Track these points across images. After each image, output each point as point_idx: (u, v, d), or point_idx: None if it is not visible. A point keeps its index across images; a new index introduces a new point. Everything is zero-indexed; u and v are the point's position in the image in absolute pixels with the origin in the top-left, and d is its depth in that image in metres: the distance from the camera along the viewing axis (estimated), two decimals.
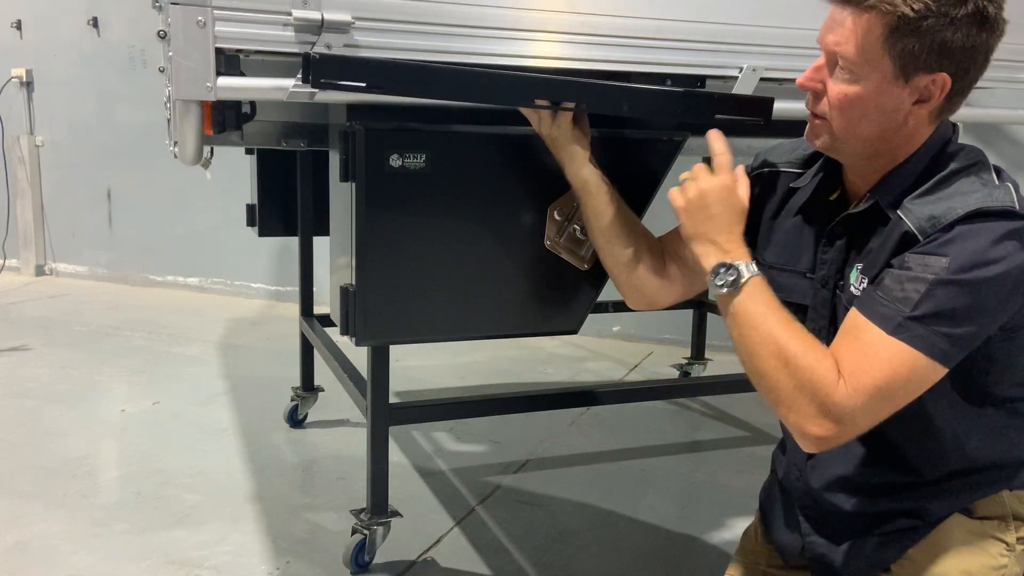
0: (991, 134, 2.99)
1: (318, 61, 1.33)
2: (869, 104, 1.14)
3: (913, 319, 1.07)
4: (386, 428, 1.97)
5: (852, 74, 1.13)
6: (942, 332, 1.07)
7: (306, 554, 2.12)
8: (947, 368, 1.09)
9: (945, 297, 1.06)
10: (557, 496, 2.48)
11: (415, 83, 1.39)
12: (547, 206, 1.63)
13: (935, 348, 1.07)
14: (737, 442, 2.97)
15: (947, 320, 1.07)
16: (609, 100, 1.48)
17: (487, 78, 1.41)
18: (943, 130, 1.20)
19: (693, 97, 1.53)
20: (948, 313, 1.07)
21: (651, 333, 4.15)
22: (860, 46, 1.11)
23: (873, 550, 1.25)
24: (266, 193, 2.82)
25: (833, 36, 1.14)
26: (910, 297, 1.08)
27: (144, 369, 3.60)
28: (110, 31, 5.11)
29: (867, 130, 1.16)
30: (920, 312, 1.07)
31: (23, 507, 2.33)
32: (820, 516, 1.31)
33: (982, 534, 1.20)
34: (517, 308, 1.69)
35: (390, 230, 1.57)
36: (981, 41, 1.11)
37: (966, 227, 1.08)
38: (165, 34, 1.40)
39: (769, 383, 1.13)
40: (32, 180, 5.44)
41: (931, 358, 1.07)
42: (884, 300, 1.10)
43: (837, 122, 1.17)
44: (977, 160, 1.18)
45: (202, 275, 5.17)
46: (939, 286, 1.07)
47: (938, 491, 1.22)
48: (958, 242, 1.08)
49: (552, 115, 1.46)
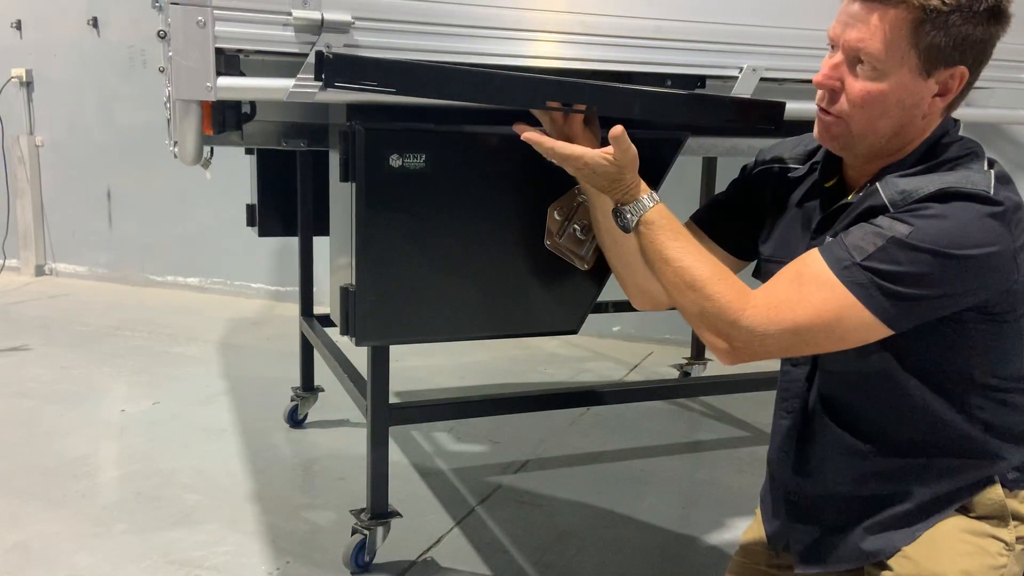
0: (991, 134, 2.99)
1: (332, 61, 1.32)
2: (892, 100, 1.15)
3: (860, 266, 1.10)
4: (386, 428, 1.97)
5: (876, 70, 1.13)
6: (885, 287, 1.09)
7: (306, 554, 2.12)
8: (885, 327, 1.11)
9: (898, 258, 1.08)
10: (557, 496, 2.48)
11: (427, 84, 1.39)
12: (547, 206, 1.63)
13: (873, 300, 1.09)
14: (737, 442, 2.97)
15: (893, 278, 1.08)
16: (621, 103, 1.48)
17: (500, 79, 1.40)
18: (944, 124, 1.21)
19: (704, 101, 1.53)
20: (896, 273, 1.08)
21: (651, 333, 4.15)
22: (887, 41, 1.11)
23: (859, 536, 1.25)
24: (266, 193, 2.82)
25: (855, 33, 1.13)
26: (864, 248, 1.10)
27: (144, 369, 3.60)
28: (110, 31, 5.11)
29: (886, 126, 1.17)
30: (870, 263, 1.09)
31: (23, 507, 2.33)
32: (806, 503, 1.32)
33: (981, 533, 1.20)
34: (517, 308, 1.69)
35: (390, 230, 1.57)
36: (993, 33, 1.14)
37: (940, 206, 1.10)
38: (165, 34, 1.40)
39: (680, 305, 1.23)
40: (32, 180, 5.44)
41: (867, 308, 1.09)
42: (841, 244, 1.13)
43: (857, 119, 1.17)
44: (970, 151, 1.19)
45: (202, 275, 5.17)
46: (895, 246, 1.08)
47: (918, 470, 1.22)
48: (926, 215, 1.09)
49: (563, 117, 1.46)
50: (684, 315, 1.23)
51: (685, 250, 1.23)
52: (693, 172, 3.26)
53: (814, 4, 1.21)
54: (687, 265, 1.21)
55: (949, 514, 1.21)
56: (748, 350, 1.16)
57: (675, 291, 1.23)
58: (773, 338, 1.14)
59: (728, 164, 3.19)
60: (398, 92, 1.37)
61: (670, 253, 1.23)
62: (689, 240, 1.25)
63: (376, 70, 1.35)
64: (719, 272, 1.20)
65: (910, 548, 1.21)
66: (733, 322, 1.15)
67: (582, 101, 1.45)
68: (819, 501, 1.30)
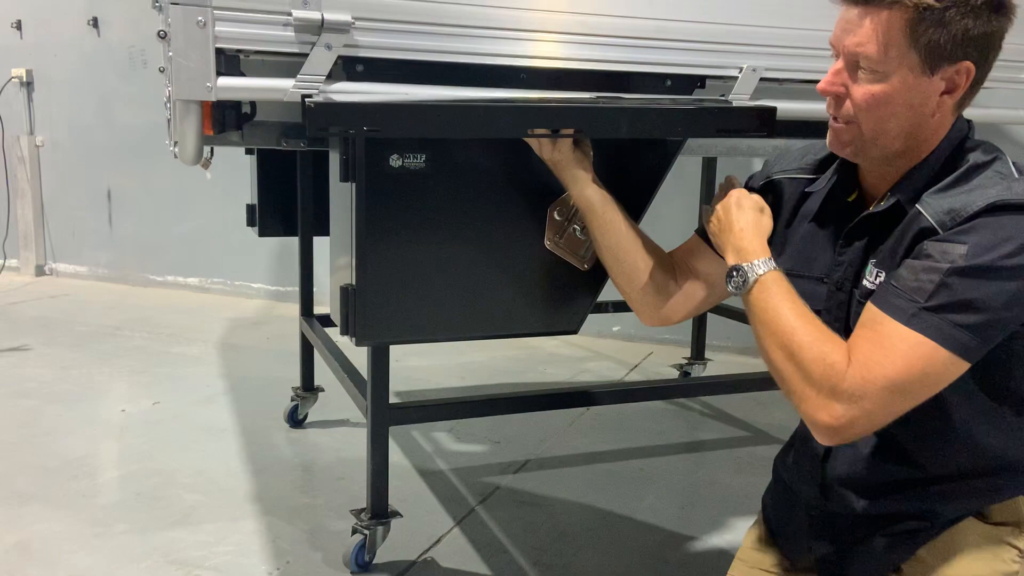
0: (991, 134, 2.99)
1: (313, 111, 1.36)
2: (897, 101, 1.14)
3: (928, 309, 1.06)
4: (386, 428, 1.97)
5: (876, 73, 1.13)
6: (958, 323, 1.05)
7: (306, 554, 2.12)
8: (967, 362, 1.07)
9: (961, 287, 1.05)
10: (557, 496, 2.48)
11: (413, 123, 1.43)
12: (547, 206, 1.63)
13: (952, 339, 1.05)
14: (737, 442, 2.97)
15: (963, 310, 1.05)
16: (608, 123, 1.49)
17: (483, 111, 1.42)
18: (960, 126, 1.20)
19: (694, 114, 1.53)
20: (964, 303, 1.05)
21: (651, 333, 4.15)
22: (883, 44, 1.11)
23: (882, 551, 1.24)
24: (266, 193, 2.82)
25: (853, 38, 1.13)
26: (924, 287, 1.06)
27: (144, 369, 3.60)
28: (110, 31, 5.11)
29: (896, 127, 1.16)
30: (935, 302, 1.05)
31: (23, 507, 2.33)
32: (827, 518, 1.30)
33: (996, 539, 1.19)
34: (517, 308, 1.69)
35: (390, 230, 1.57)
36: (998, 26, 1.12)
37: (987, 219, 1.07)
38: (165, 34, 1.40)
39: (780, 375, 1.14)
40: (32, 180, 5.44)
41: (949, 350, 1.05)
42: (898, 290, 1.09)
43: (866, 123, 1.16)
44: (995, 155, 1.18)
45: (202, 275, 5.17)
46: (954, 275, 1.05)
47: (947, 492, 1.20)
48: (979, 231, 1.07)
49: (552, 141, 1.46)
50: (784, 385, 1.15)
51: (799, 313, 1.16)
52: (693, 172, 3.26)
53: (814, 4, 1.20)
54: (795, 327, 1.14)
55: (966, 518, 1.21)
56: (847, 417, 1.08)
57: (776, 357, 1.15)
58: (870, 400, 1.07)
59: (728, 164, 3.20)
60: (385, 133, 1.41)
61: (783, 315, 1.16)
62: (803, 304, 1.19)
63: (359, 114, 1.38)
64: (826, 335, 1.13)
65: (924, 551, 1.21)
66: (834, 387, 1.08)
67: (568, 125, 1.45)
68: (844, 519, 1.28)
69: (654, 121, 1.53)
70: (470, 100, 1.47)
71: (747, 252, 1.25)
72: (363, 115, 1.39)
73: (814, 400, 1.09)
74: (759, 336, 1.19)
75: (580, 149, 1.49)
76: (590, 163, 1.50)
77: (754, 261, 1.23)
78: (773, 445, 2.87)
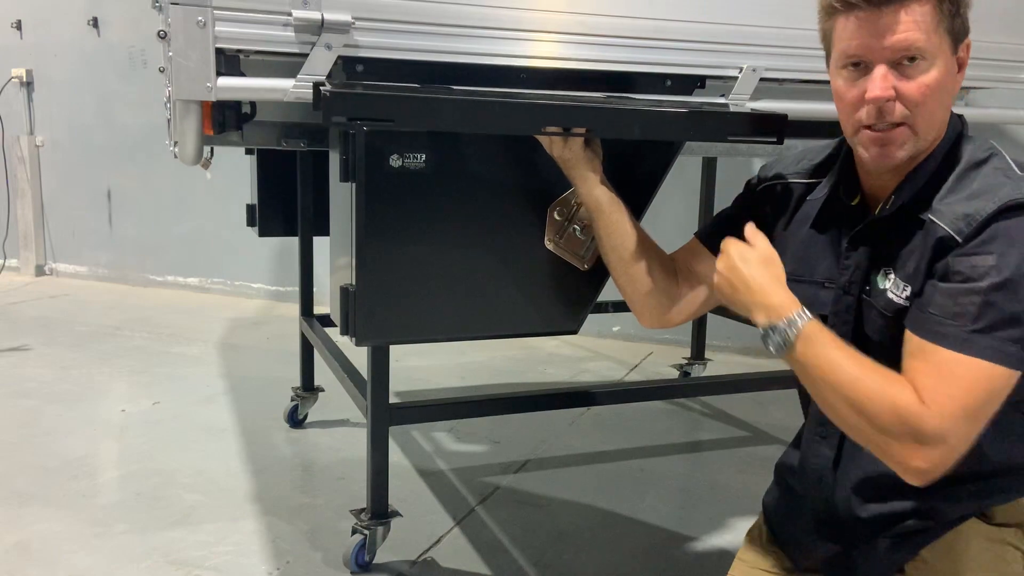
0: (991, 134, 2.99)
1: (329, 98, 1.33)
2: (944, 86, 1.16)
3: (978, 332, 1.06)
4: (386, 428, 1.97)
5: (926, 61, 1.14)
6: (1010, 338, 1.06)
7: (306, 554, 2.12)
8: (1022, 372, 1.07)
9: (1004, 302, 1.06)
10: (557, 496, 2.48)
11: (425, 115, 1.41)
12: (547, 206, 1.63)
13: (1008, 356, 1.06)
14: (737, 442, 2.97)
15: (1012, 325, 1.06)
16: (620, 124, 1.48)
17: (498, 107, 1.41)
18: (955, 122, 1.21)
19: (705, 118, 1.53)
20: (1011, 319, 1.05)
21: (651, 333, 4.15)
22: (925, 30, 1.13)
23: (885, 552, 1.24)
24: (266, 193, 2.82)
25: (894, 36, 1.13)
26: (968, 311, 1.06)
27: (144, 369, 3.60)
28: (110, 31, 5.11)
29: (941, 116, 1.18)
30: (983, 324, 1.06)
31: (23, 507, 2.33)
32: (836, 522, 1.30)
33: (1000, 541, 1.19)
34: (517, 308, 1.69)
35: (390, 230, 1.57)
36: None
37: (1005, 223, 1.08)
38: (165, 34, 1.40)
39: (853, 430, 1.11)
40: (32, 180, 5.44)
41: (1007, 367, 1.06)
42: (941, 319, 1.08)
43: (921, 118, 1.16)
44: (991, 151, 1.19)
45: (202, 275, 5.17)
46: (994, 291, 1.06)
47: (951, 493, 1.19)
48: (1000, 238, 1.07)
49: (564, 139, 1.46)
50: (858, 436, 1.11)
51: (855, 361, 1.11)
52: (693, 172, 3.26)
53: (814, 4, 1.20)
54: (855, 376, 1.10)
55: (969, 519, 1.20)
56: (939, 457, 1.06)
57: (845, 413, 1.11)
58: (954, 435, 1.05)
59: (728, 164, 3.20)
60: (397, 125, 1.39)
61: (840, 367, 1.11)
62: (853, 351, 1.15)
63: (373, 104, 1.37)
64: (887, 378, 1.10)
65: (928, 551, 1.21)
66: (916, 432, 1.05)
67: (581, 124, 1.45)
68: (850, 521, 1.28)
69: (668, 124, 1.53)
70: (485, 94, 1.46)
71: (777, 308, 1.17)
72: (379, 106, 1.37)
73: (899, 449, 1.07)
74: (817, 392, 1.14)
75: (591, 148, 1.49)
76: (600, 163, 1.49)
77: (789, 316, 1.15)
78: (773, 445, 2.87)
